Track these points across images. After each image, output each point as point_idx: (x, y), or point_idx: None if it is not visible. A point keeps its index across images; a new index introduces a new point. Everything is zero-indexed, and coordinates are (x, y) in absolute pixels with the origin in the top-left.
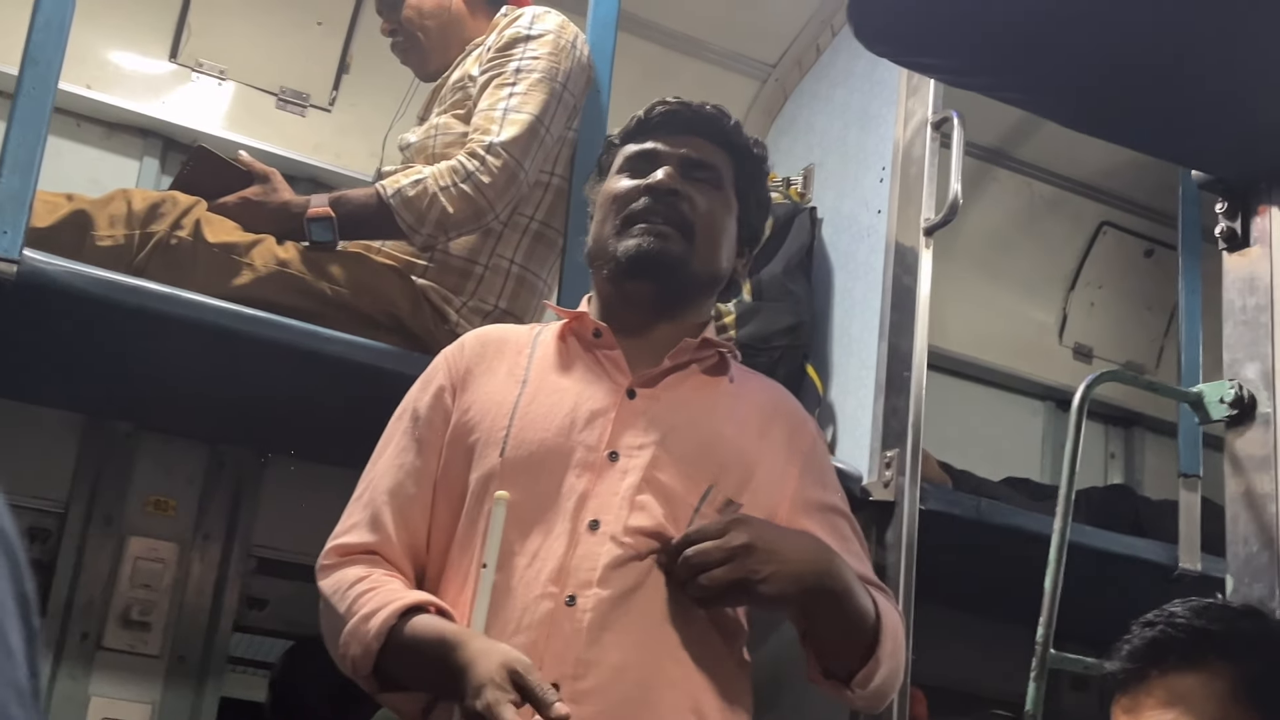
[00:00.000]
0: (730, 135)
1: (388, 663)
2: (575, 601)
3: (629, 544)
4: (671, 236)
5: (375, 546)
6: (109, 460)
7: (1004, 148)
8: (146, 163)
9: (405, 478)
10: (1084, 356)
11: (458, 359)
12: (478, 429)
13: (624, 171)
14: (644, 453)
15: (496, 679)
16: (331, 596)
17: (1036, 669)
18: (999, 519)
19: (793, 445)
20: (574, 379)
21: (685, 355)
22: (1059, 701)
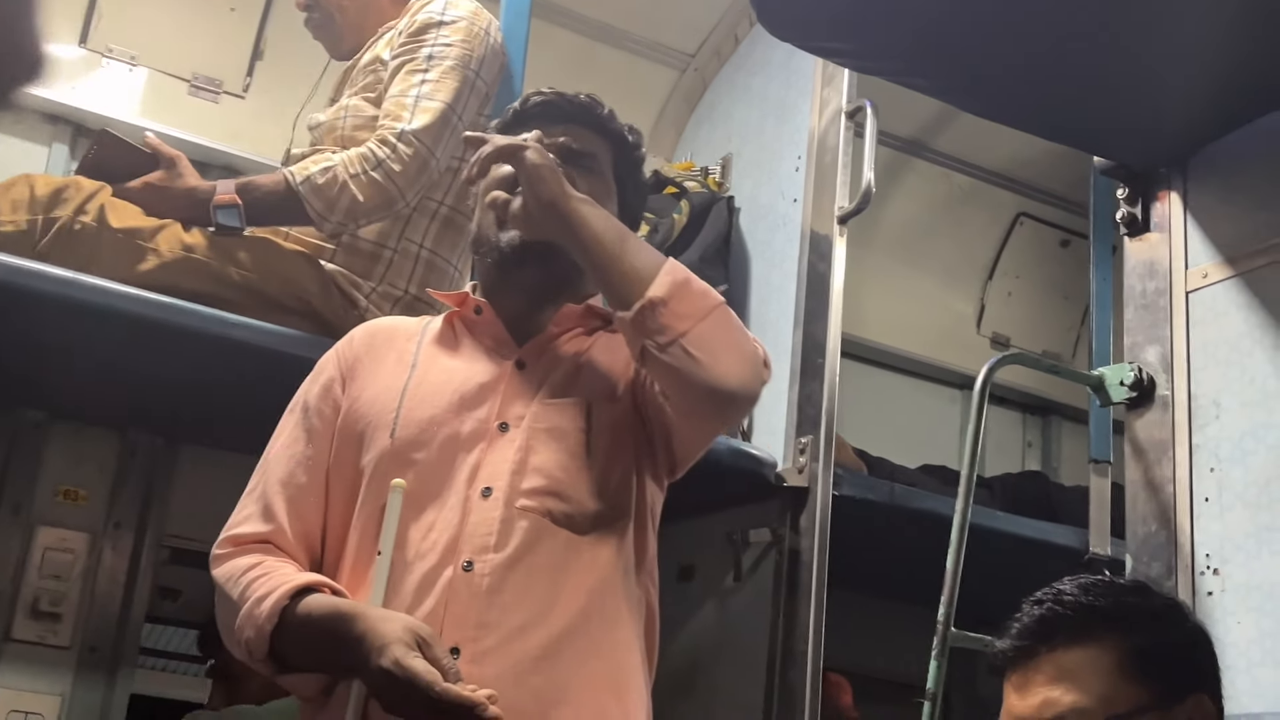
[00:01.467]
0: (605, 123)
1: (283, 645)
2: (472, 567)
3: (523, 506)
4: None
5: (268, 536)
6: (17, 449)
7: (922, 138)
8: (56, 149)
9: (296, 467)
10: (1001, 345)
11: (347, 351)
12: (367, 415)
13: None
14: (529, 413)
15: (403, 638)
16: (225, 584)
17: (938, 647)
18: (913, 503)
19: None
20: (461, 358)
21: (569, 321)
22: (977, 687)
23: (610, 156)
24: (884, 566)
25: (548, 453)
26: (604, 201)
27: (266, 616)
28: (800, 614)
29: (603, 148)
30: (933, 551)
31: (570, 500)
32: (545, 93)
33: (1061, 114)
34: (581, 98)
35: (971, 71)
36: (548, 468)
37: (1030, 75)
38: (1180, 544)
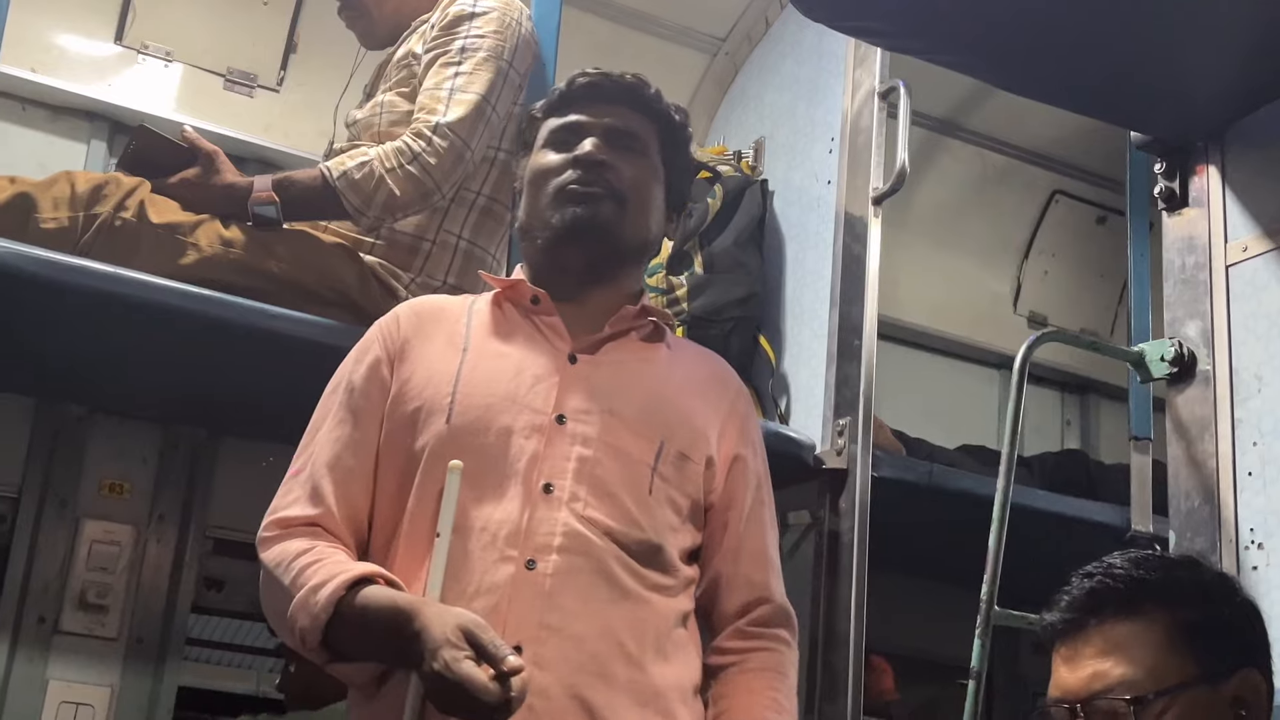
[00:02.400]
0: (652, 103)
1: (336, 634)
2: (535, 565)
3: (589, 517)
4: (601, 202)
5: (317, 519)
6: (62, 444)
7: (955, 118)
8: (94, 145)
9: (344, 450)
10: (1038, 324)
11: (393, 330)
12: (420, 398)
13: (549, 145)
14: (592, 418)
15: (452, 639)
16: (275, 569)
17: (981, 626)
18: (951, 484)
19: (728, 406)
20: (515, 345)
21: (625, 323)
22: (1019, 665)
23: (656, 137)
24: (923, 547)
25: (614, 473)
26: (652, 185)
27: (322, 606)
28: (841, 596)
29: (648, 129)
30: (972, 532)
31: (633, 527)
32: (590, 73)
33: (1097, 89)
34: (628, 78)
35: (1006, 47)
36: (612, 488)
37: (1066, 50)
38: (1224, 519)
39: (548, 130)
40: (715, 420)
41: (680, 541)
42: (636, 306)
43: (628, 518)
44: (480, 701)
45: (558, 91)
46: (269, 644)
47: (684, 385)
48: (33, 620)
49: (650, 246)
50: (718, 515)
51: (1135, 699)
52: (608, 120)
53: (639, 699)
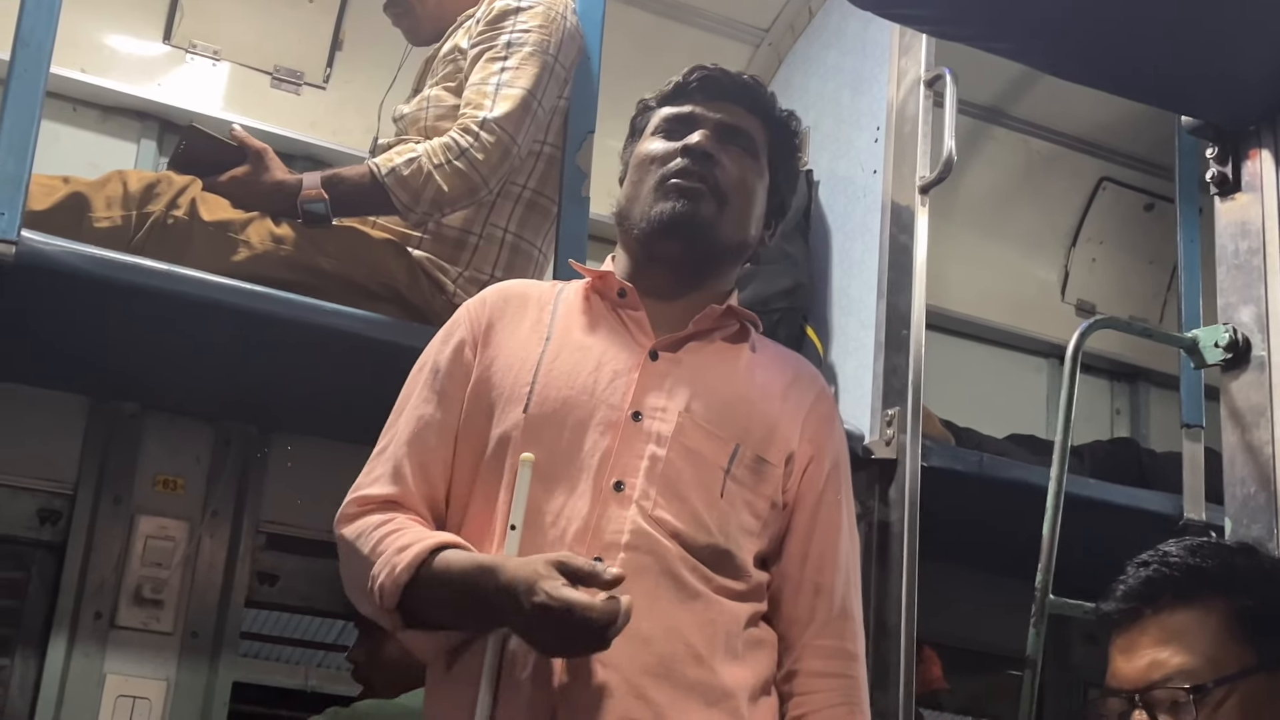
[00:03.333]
0: (767, 105)
1: (415, 600)
2: (601, 562)
3: (658, 517)
4: (705, 199)
5: (396, 497)
6: (116, 441)
7: (1000, 106)
8: (144, 145)
9: (425, 429)
10: (1086, 313)
11: (479, 313)
12: (501, 384)
13: (659, 133)
14: (668, 416)
15: (544, 572)
16: (355, 540)
17: (1036, 615)
18: (1002, 473)
19: (808, 407)
20: (597, 338)
21: (709, 322)
22: (1071, 655)
23: (766, 139)
24: (972, 537)
25: (686, 474)
26: (756, 188)
27: (404, 567)
28: (891, 586)
29: (759, 129)
30: (1022, 521)
31: (701, 530)
32: (709, 68)
33: (1147, 73)
34: (745, 78)
35: (1054, 33)
36: (682, 489)
37: (1115, 34)
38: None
39: (659, 118)
40: (795, 422)
41: (755, 546)
42: (722, 306)
43: (697, 521)
44: (592, 621)
45: (674, 82)
46: (323, 637)
47: (765, 388)
48: (90, 616)
49: (747, 248)
50: (789, 517)
51: (1195, 688)
52: (720, 115)
53: (707, 699)
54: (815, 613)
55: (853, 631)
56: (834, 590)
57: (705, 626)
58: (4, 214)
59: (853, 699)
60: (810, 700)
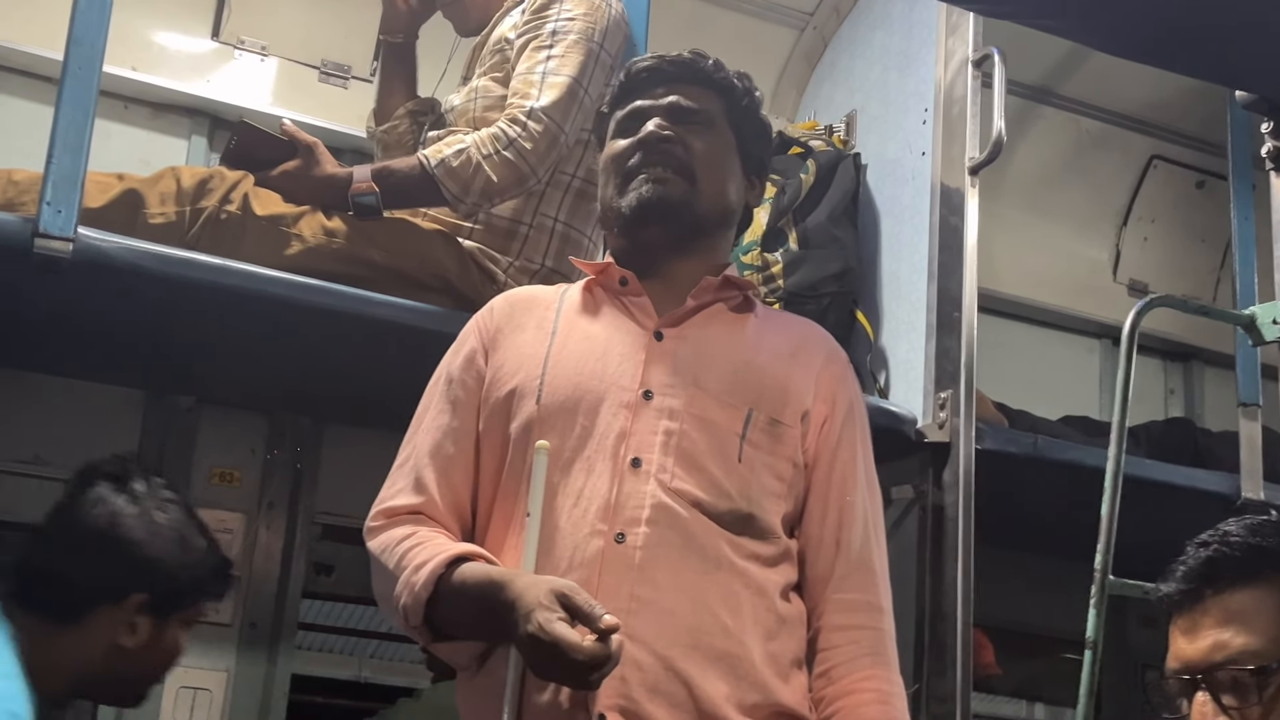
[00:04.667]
0: (711, 74)
1: (438, 613)
2: (624, 539)
3: (677, 489)
4: (671, 181)
5: (420, 507)
6: (172, 434)
7: (1049, 85)
8: (195, 141)
9: (444, 439)
10: (1139, 292)
11: (487, 321)
12: (512, 382)
13: (616, 135)
14: (678, 391)
15: (544, 601)
16: (381, 555)
17: (1096, 596)
18: (1057, 455)
19: (820, 366)
20: (602, 325)
21: (708, 295)
22: (1128, 638)
23: (722, 107)
24: (1026, 520)
25: (701, 444)
26: (724, 155)
27: (423, 584)
28: (947, 570)
29: (713, 100)
30: (1078, 503)
31: (722, 497)
32: (645, 60)
33: (1201, 48)
34: (684, 55)
35: (1104, 8)
36: (699, 459)
37: (1166, 8)
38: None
39: (614, 122)
40: (808, 379)
41: (781, 508)
42: (718, 278)
43: (716, 488)
44: (577, 661)
45: (618, 83)
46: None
47: (773, 351)
48: None
49: (730, 215)
50: (807, 475)
51: (1259, 669)
52: (668, 99)
53: (735, 672)
54: (835, 567)
55: (874, 584)
56: (852, 543)
57: (731, 597)
58: (61, 211)
59: (877, 649)
60: (834, 654)
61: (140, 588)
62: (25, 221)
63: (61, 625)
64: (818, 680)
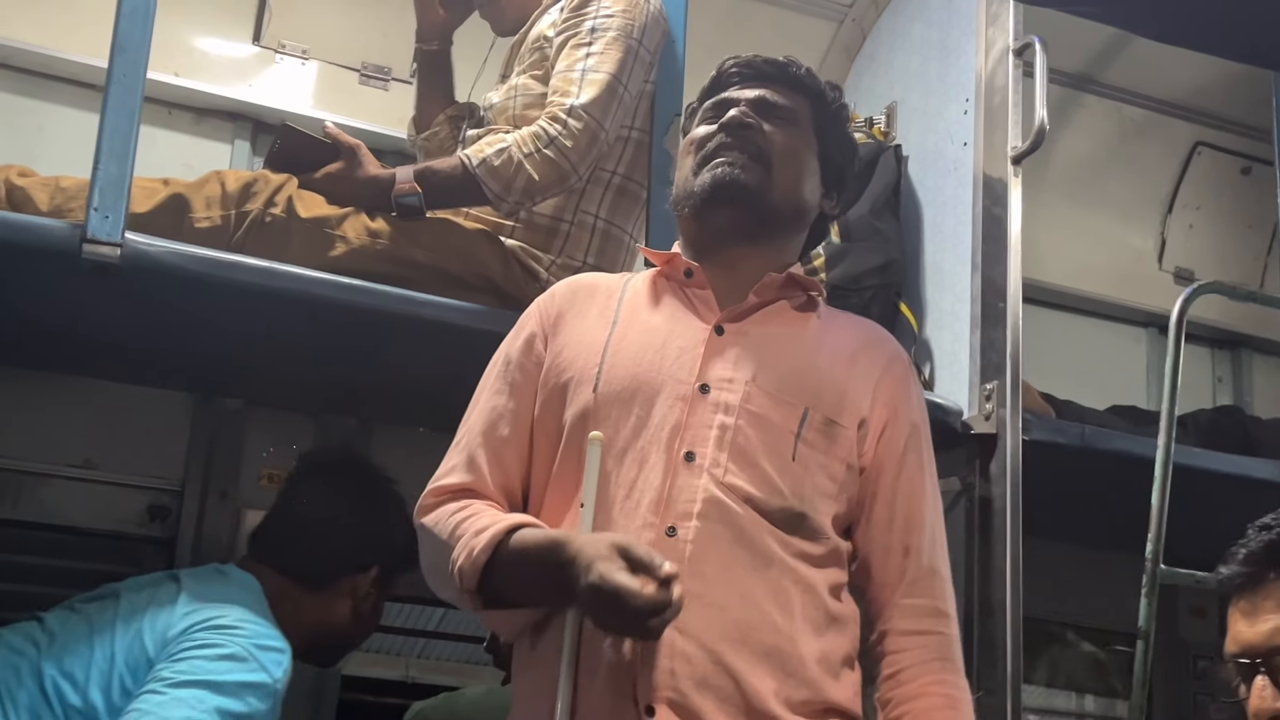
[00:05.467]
0: (804, 80)
1: (494, 579)
2: (675, 533)
3: (730, 484)
4: (747, 166)
5: (471, 486)
6: (221, 437)
7: (1090, 73)
8: (238, 145)
9: (498, 420)
10: (1185, 280)
11: (549, 306)
12: (570, 369)
13: (700, 122)
14: (735, 386)
15: (605, 553)
16: (434, 527)
17: (1147, 585)
18: (1105, 445)
19: (882, 369)
20: (663, 317)
21: (770, 292)
22: (1177, 628)
23: (810, 112)
24: (1074, 511)
25: (756, 440)
26: (803, 154)
27: (482, 548)
28: (995, 563)
29: (800, 103)
30: (1126, 493)
31: (775, 494)
32: (740, 57)
33: (1243, 31)
34: (778, 57)
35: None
36: (753, 455)
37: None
38: None
39: (701, 110)
40: (868, 385)
41: (832, 509)
42: (783, 275)
43: (769, 485)
44: (638, 609)
45: (711, 78)
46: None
47: (835, 352)
48: None
49: (802, 214)
50: (869, 483)
51: None
52: (756, 93)
53: (783, 668)
54: (905, 573)
55: (941, 590)
56: (921, 550)
57: (780, 594)
58: (108, 217)
59: (946, 654)
60: (903, 658)
61: (381, 560)
62: (73, 227)
63: (312, 589)
64: (886, 683)
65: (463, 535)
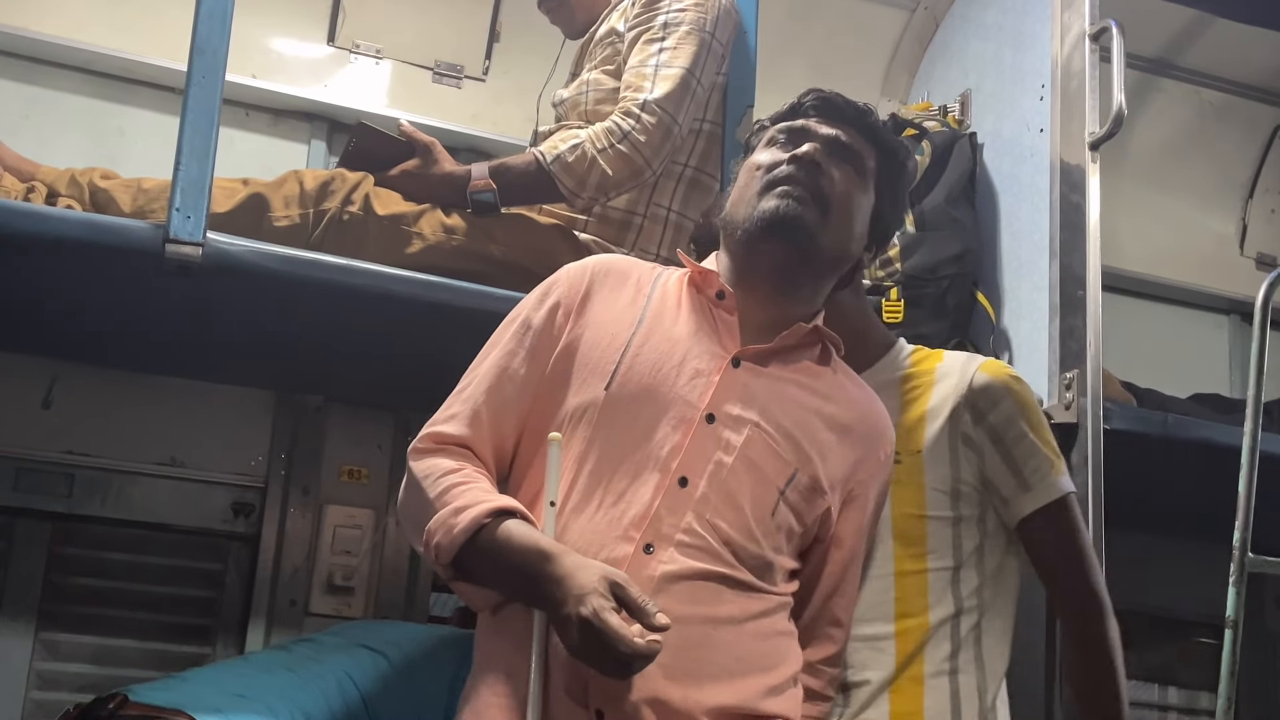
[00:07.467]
0: (879, 132)
1: (469, 557)
2: (652, 550)
3: (711, 522)
4: (808, 204)
5: (468, 441)
6: (302, 433)
7: (1168, 56)
8: (314, 145)
9: (506, 381)
10: (1267, 265)
11: (579, 279)
12: (587, 355)
13: (771, 145)
14: (740, 426)
15: (599, 589)
16: (422, 480)
17: (1235, 574)
18: (1189, 433)
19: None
20: (685, 331)
21: (794, 339)
22: (1264, 618)
23: (875, 164)
24: (1157, 501)
25: (746, 486)
26: (860, 205)
27: (463, 529)
28: None
29: (869, 153)
30: (1210, 483)
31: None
32: (822, 92)
33: None
34: (860, 103)
35: None
36: (739, 499)
37: None
38: None
39: (772, 132)
40: (849, 460)
41: (784, 564)
42: (809, 326)
43: (747, 531)
44: (620, 652)
45: (789, 104)
46: None
47: (831, 418)
48: (285, 604)
49: (845, 263)
50: (823, 550)
51: None
52: (832, 132)
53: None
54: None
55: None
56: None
57: (737, 617)
58: (190, 217)
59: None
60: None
61: None
62: (156, 228)
63: None
64: None
65: (447, 505)
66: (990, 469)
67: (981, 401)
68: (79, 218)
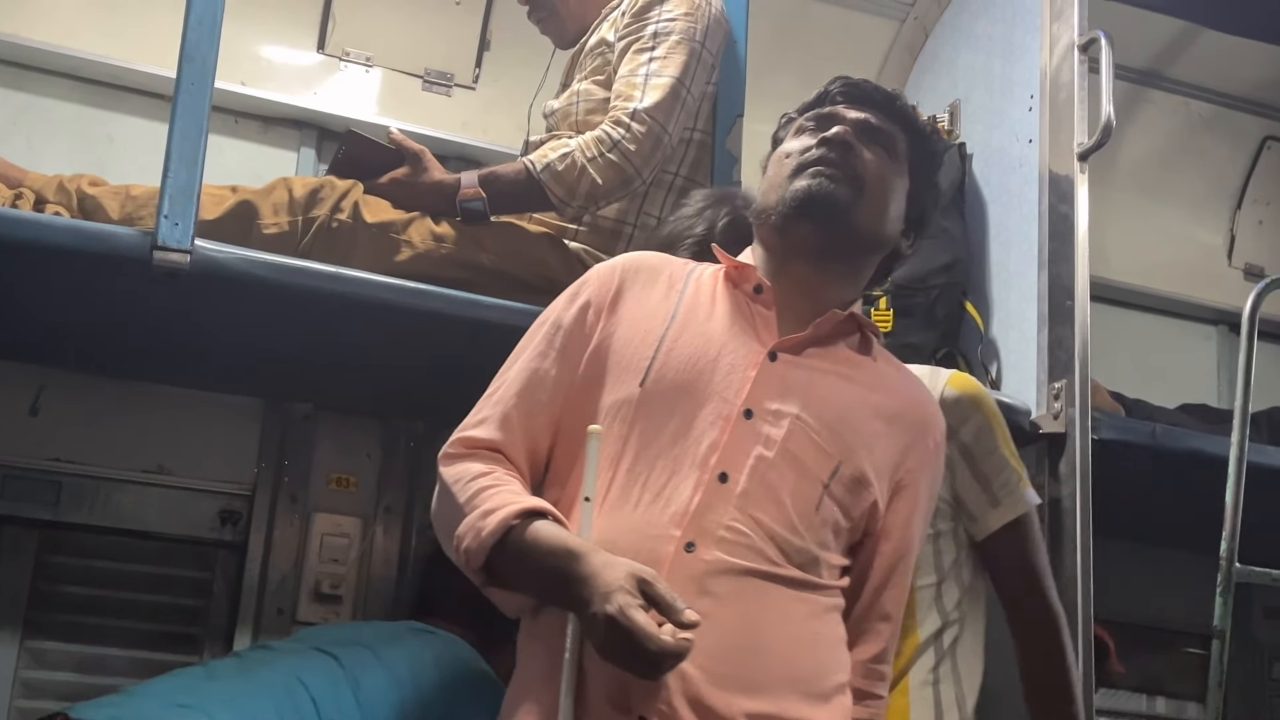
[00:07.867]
0: (908, 115)
1: (500, 561)
2: (694, 549)
3: (754, 516)
4: (841, 182)
5: (500, 445)
6: (290, 441)
7: (1157, 68)
8: (304, 153)
9: (538, 384)
10: (1255, 276)
11: (609, 278)
12: (620, 353)
13: (801, 133)
14: (780, 420)
15: (626, 586)
16: (453, 485)
17: (1222, 584)
18: (1177, 443)
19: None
20: (720, 325)
21: (828, 326)
22: (1252, 629)
23: (907, 147)
24: (1145, 511)
25: (788, 480)
26: (894, 185)
27: (490, 531)
28: (1065, 564)
29: (900, 136)
30: (1198, 493)
31: (794, 534)
32: (849, 79)
33: None
34: (887, 88)
35: None
36: (781, 494)
37: None
38: None
39: (801, 120)
40: (897, 448)
41: (831, 560)
42: (845, 312)
43: (791, 525)
44: (648, 650)
45: (817, 93)
46: None
47: (876, 407)
48: (272, 612)
49: (881, 244)
50: (873, 543)
51: None
52: (861, 115)
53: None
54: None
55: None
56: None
57: (784, 620)
58: (178, 224)
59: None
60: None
61: None
62: (144, 235)
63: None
64: None
65: (476, 509)
66: (960, 484)
67: (952, 417)
68: (66, 224)
